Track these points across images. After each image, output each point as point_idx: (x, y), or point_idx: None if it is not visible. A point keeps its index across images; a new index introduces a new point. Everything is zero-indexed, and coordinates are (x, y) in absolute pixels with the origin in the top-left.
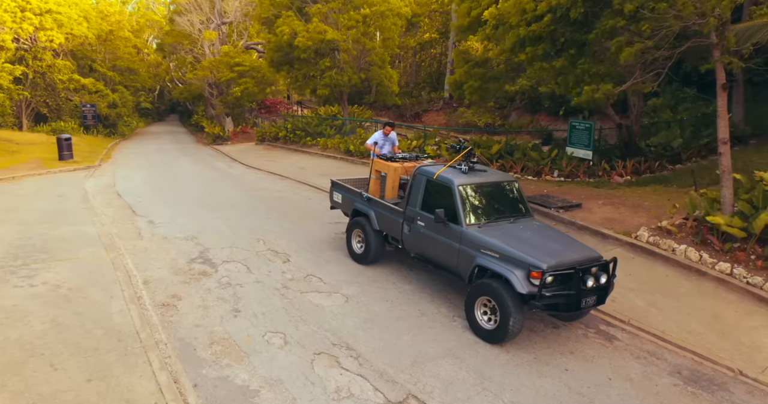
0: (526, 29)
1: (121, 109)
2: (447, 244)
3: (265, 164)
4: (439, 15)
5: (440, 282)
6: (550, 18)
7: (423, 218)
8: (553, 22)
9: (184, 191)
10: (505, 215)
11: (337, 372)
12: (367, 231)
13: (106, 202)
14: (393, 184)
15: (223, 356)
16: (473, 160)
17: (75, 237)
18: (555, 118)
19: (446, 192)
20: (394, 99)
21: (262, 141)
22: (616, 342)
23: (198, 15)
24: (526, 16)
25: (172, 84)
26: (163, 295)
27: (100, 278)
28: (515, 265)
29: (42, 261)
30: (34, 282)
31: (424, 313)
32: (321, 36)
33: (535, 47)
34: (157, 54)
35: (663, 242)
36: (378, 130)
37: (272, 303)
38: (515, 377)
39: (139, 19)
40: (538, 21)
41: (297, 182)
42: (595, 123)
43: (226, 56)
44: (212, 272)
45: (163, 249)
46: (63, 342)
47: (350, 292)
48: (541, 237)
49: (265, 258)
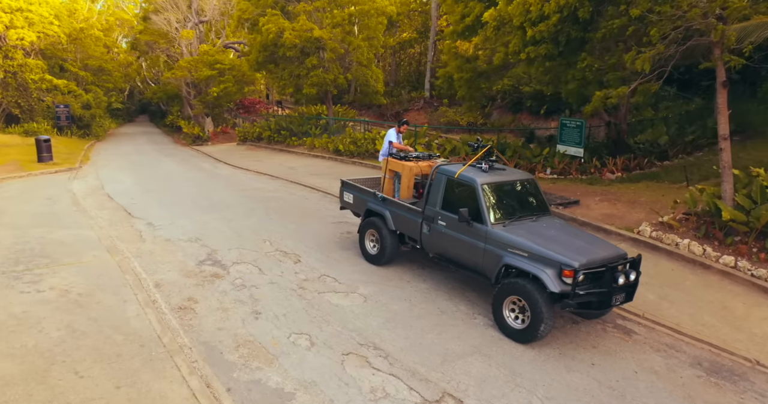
0: (533, 30)
1: (96, 110)
2: (471, 244)
3: (252, 164)
4: (418, 14)
5: (454, 279)
6: (558, 18)
7: (444, 218)
8: (560, 21)
9: (176, 192)
10: (527, 213)
11: (369, 372)
12: (382, 231)
13: (98, 205)
14: (408, 184)
15: (252, 359)
16: (492, 159)
17: (74, 241)
18: (536, 117)
19: (468, 191)
20: (380, 98)
21: (244, 141)
22: (635, 336)
23: (175, 13)
24: (530, 16)
25: (144, 84)
26: (178, 298)
27: (109, 282)
28: (546, 264)
29: (45, 266)
30: (41, 288)
31: (443, 311)
32: (308, 34)
33: (537, 47)
34: (127, 53)
35: (666, 237)
36: (390, 128)
37: (291, 305)
38: (545, 373)
39: (108, 18)
40: (544, 21)
41: (289, 182)
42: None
43: (206, 55)
44: (224, 274)
45: (168, 252)
46: (83, 349)
47: (367, 292)
48: (566, 235)
49: (275, 259)
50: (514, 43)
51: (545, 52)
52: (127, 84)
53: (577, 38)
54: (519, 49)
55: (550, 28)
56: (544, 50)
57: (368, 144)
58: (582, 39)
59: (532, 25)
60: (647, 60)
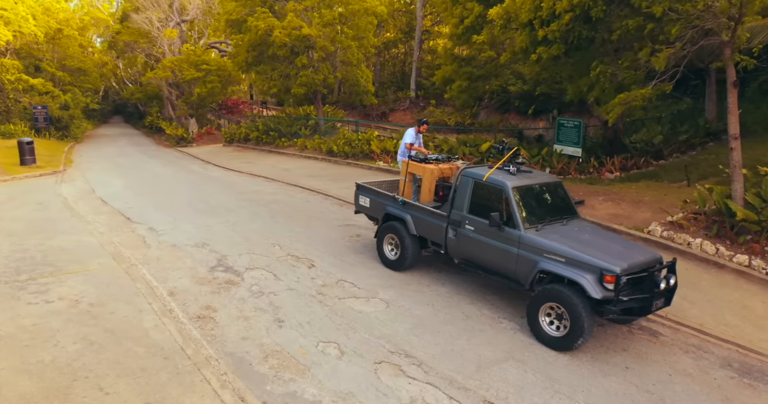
0: (544, 29)
1: (74, 111)
2: (502, 249)
3: (243, 166)
4: (402, 14)
5: (473, 283)
6: (570, 16)
7: (472, 222)
8: (572, 20)
9: (171, 196)
10: (556, 217)
11: (405, 381)
12: (402, 236)
13: (93, 209)
14: (429, 187)
15: (283, 370)
16: (518, 162)
17: (76, 248)
18: (524, 117)
19: (498, 195)
20: (371, 98)
21: (231, 142)
22: (662, 338)
23: (156, 12)
24: (540, 14)
25: (121, 84)
26: (195, 307)
27: (120, 291)
28: (585, 270)
29: (50, 275)
30: (49, 298)
31: (468, 316)
32: (297, 32)
33: (549, 47)
34: (102, 53)
35: (678, 236)
36: (411, 129)
37: (314, 311)
38: (581, 378)
39: (83, 17)
40: (555, 20)
41: (287, 184)
42: (583, 121)
43: (192, 55)
44: (239, 280)
45: (176, 258)
46: (105, 363)
47: (388, 297)
48: (601, 238)
49: (289, 264)
50: (521, 41)
51: (557, 52)
52: (102, 84)
53: (588, 38)
54: (527, 47)
55: (562, 27)
56: (555, 50)
57: (363, 145)
58: (592, 39)
59: (543, 25)
60: (664, 58)
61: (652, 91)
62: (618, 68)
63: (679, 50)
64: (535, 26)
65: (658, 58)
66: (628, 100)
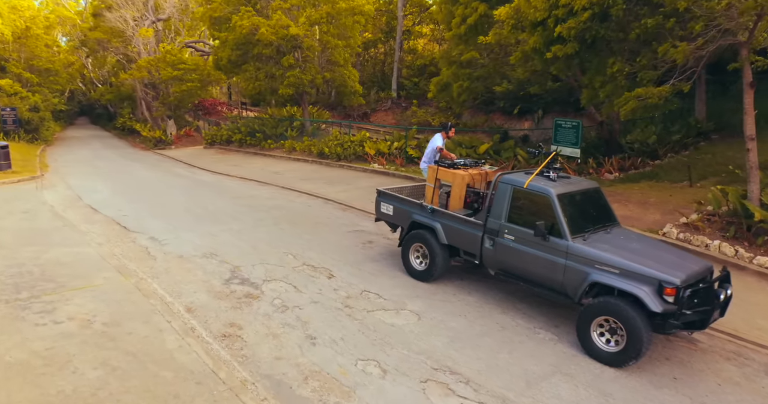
0: (561, 26)
1: (44, 113)
2: (548, 260)
3: (231, 169)
4: (382, 14)
5: (499, 290)
6: (590, 14)
7: (512, 231)
8: (590, 19)
9: (165, 202)
10: (599, 225)
11: (457, 401)
12: (431, 245)
13: (84, 218)
14: (460, 194)
15: (327, 393)
16: (556, 167)
17: (75, 261)
18: (509, 117)
19: (541, 203)
20: (359, 99)
21: (212, 144)
22: (700, 344)
23: (130, 10)
24: (557, 13)
25: (89, 85)
26: (218, 325)
27: (134, 308)
28: (642, 281)
29: (53, 292)
30: (58, 318)
31: (504, 327)
32: (285, 31)
33: (564, 46)
34: (69, 52)
35: (694, 238)
36: (439, 134)
37: (344, 326)
38: (634, 391)
39: (49, 15)
40: (572, 17)
41: (282, 188)
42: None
43: (169, 54)
44: (258, 294)
45: (186, 270)
46: (133, 392)
47: (417, 308)
48: (650, 247)
49: (307, 275)
50: (534, 40)
51: (571, 51)
52: (69, 85)
53: (604, 37)
54: (539, 47)
55: (579, 25)
56: (570, 49)
57: (356, 146)
58: (608, 39)
59: (559, 22)
60: (684, 52)
61: (669, 89)
62: (635, 67)
63: (700, 46)
64: (549, 25)
65: (678, 50)
66: (645, 96)
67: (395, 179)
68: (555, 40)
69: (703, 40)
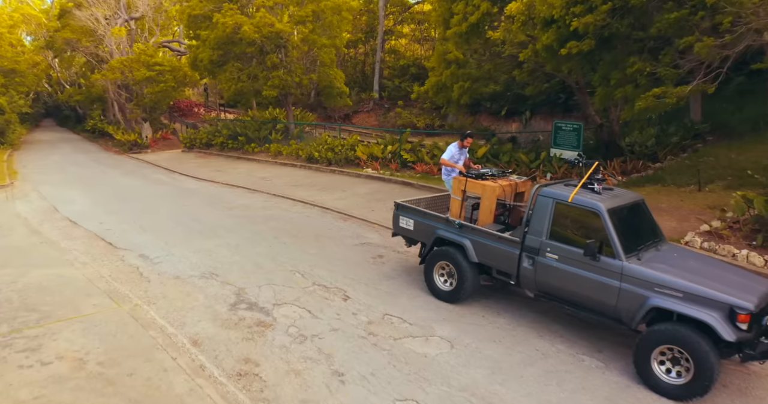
0: (578, 21)
1: (10, 115)
2: (599, 282)
3: (215, 175)
4: (363, 14)
5: (529, 309)
6: (609, 8)
7: (555, 250)
8: (609, 14)
9: (150, 213)
10: (649, 241)
11: None
12: (460, 264)
13: (63, 233)
14: (490, 207)
15: None
16: (599, 178)
17: (59, 285)
18: (496, 118)
19: (589, 218)
20: (346, 100)
21: (191, 148)
22: (751, 367)
23: (102, 9)
24: (574, 10)
25: (56, 86)
26: (230, 361)
27: (132, 343)
28: (710, 306)
29: (37, 325)
30: (45, 358)
31: (545, 354)
32: (269, 28)
33: (580, 42)
34: (34, 52)
35: (720, 248)
36: (453, 144)
37: (372, 359)
38: None
39: (13, 14)
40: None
41: (274, 196)
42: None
43: (143, 54)
44: (271, 321)
45: (185, 294)
46: None
47: (447, 334)
48: (709, 266)
49: (320, 297)
50: (547, 37)
51: (588, 48)
52: (35, 86)
53: (623, 34)
54: (552, 43)
55: (599, 21)
56: (587, 46)
57: (347, 150)
58: (628, 36)
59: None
60: (708, 46)
61: (694, 89)
62: (657, 66)
63: (728, 44)
64: (566, 20)
65: (703, 44)
66: (664, 96)
67: (392, 185)
68: (570, 36)
69: (731, 37)
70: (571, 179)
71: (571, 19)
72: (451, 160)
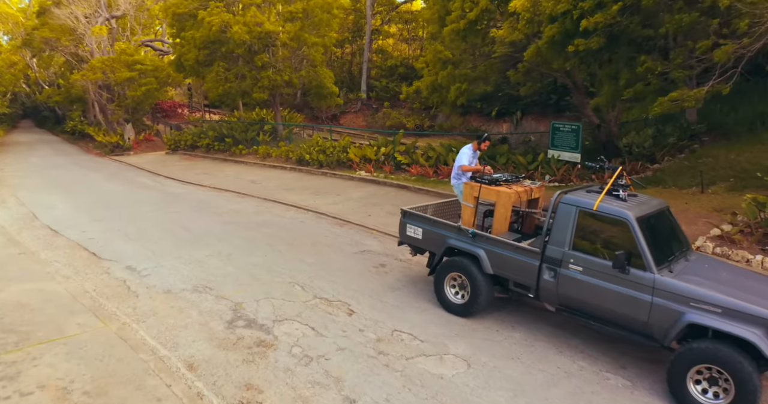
0: (588, 19)
1: None
2: (629, 296)
3: (202, 178)
4: (349, 13)
5: (545, 322)
6: (620, 6)
7: (579, 261)
8: (619, 12)
9: (136, 220)
10: (677, 251)
11: None
12: (473, 275)
13: (42, 242)
14: (505, 215)
15: None
16: (623, 184)
17: (40, 302)
18: (487, 119)
19: (616, 228)
20: (336, 100)
21: (175, 150)
22: None
23: (81, 7)
24: (583, 5)
25: (34, 86)
26: (231, 387)
27: (121, 367)
28: (750, 322)
29: (16, 348)
30: (25, 388)
31: (567, 372)
32: (259, 28)
33: (588, 40)
34: (11, 52)
35: (733, 253)
36: (467, 146)
37: (385, 382)
38: None
39: None
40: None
41: (266, 201)
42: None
43: (124, 54)
44: (272, 340)
45: (177, 311)
46: None
47: (461, 352)
48: (744, 278)
49: (323, 312)
50: (550, 29)
51: (596, 46)
52: (12, 86)
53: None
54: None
55: (608, 19)
56: (595, 44)
57: (339, 152)
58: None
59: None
60: (727, 52)
61: (709, 90)
62: (669, 65)
63: (746, 45)
64: (574, 16)
65: (721, 50)
66: (681, 99)
67: (387, 188)
68: (576, 32)
69: (749, 40)
70: (592, 184)
71: (579, 13)
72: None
